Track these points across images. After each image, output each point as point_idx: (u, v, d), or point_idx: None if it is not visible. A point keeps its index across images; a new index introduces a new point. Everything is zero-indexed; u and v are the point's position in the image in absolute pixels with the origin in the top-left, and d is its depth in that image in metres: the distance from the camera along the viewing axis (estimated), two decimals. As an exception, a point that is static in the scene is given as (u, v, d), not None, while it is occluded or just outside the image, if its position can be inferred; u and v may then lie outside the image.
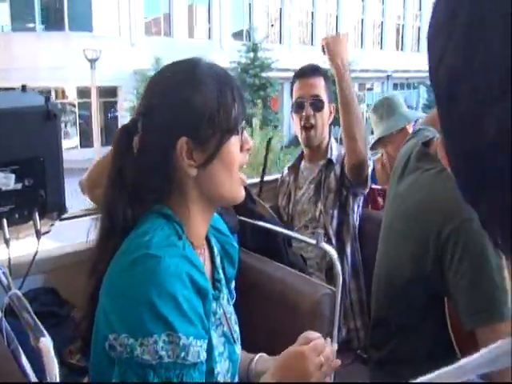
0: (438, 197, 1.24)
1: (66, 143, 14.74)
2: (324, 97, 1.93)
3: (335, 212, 1.91)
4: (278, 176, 2.25)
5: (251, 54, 17.25)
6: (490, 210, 0.36)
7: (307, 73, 1.98)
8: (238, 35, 20.44)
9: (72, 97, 17.59)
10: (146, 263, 0.81)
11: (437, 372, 0.42)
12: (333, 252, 1.43)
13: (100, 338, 0.83)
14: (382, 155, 2.66)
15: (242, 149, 0.95)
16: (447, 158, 0.40)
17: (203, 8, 19.77)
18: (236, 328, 1.07)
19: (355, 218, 1.95)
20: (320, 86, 1.94)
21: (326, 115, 1.94)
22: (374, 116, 2.51)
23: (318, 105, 1.93)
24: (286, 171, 2.16)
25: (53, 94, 16.36)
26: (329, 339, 1.08)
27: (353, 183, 1.87)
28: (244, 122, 0.96)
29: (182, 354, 0.79)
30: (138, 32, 17.48)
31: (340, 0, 23.72)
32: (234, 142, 0.93)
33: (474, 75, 0.33)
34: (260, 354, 1.15)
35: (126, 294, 0.81)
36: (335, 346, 1.08)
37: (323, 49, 1.86)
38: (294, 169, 2.11)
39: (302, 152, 2.09)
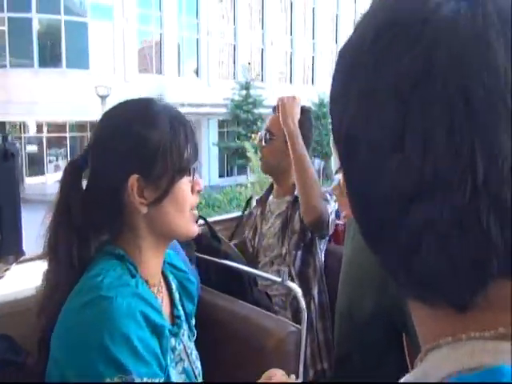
0: None
1: (57, 176, 15.00)
2: (277, 132, 1.96)
3: (299, 253, 1.91)
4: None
5: (243, 92, 18.61)
6: (387, 247, 0.39)
7: (274, 109, 2.03)
8: (222, 75, 21.85)
9: (64, 131, 18.21)
10: (97, 305, 0.80)
11: None
12: (297, 290, 1.43)
13: None
14: (339, 183, 2.68)
15: (192, 190, 0.96)
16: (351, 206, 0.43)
17: (192, 47, 21.25)
18: (198, 364, 1.06)
19: (321, 257, 1.95)
20: (276, 122, 1.97)
21: (275, 150, 1.97)
22: (332, 141, 2.56)
23: (266, 138, 1.99)
24: (254, 204, 2.17)
25: (45, 128, 17.43)
26: (293, 375, 1.08)
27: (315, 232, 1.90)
28: (196, 162, 0.96)
29: None
30: (132, 69, 18.55)
31: (316, 42, 25.29)
32: (185, 182, 0.93)
33: (368, 136, 0.38)
34: None
35: (77, 339, 0.80)
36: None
37: (275, 108, 1.96)
38: (262, 202, 2.12)
39: (272, 185, 2.12)
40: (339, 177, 2.12)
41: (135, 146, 0.89)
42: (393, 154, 0.36)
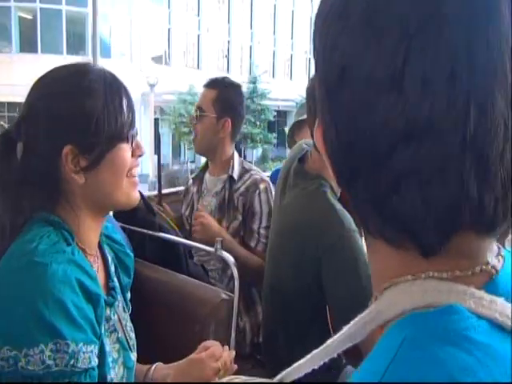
0: (314, 215, 1.32)
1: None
2: (208, 109, 1.96)
3: (236, 239, 1.89)
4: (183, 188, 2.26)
5: (251, 85, 21.29)
6: (366, 188, 0.40)
7: (204, 85, 2.03)
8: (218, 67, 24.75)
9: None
10: (31, 271, 0.78)
11: (307, 356, 0.48)
12: (230, 259, 1.44)
13: None
14: None
15: (133, 154, 0.95)
16: (325, 147, 0.43)
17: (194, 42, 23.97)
18: (132, 335, 1.05)
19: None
20: (207, 98, 1.97)
21: (207, 127, 1.96)
22: (299, 109, 2.60)
23: (197, 115, 1.98)
24: (190, 181, 2.16)
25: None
26: (226, 346, 1.10)
27: None
28: (134, 129, 0.95)
29: (72, 362, 0.77)
30: (147, 59, 20.90)
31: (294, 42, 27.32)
32: (123, 148, 0.92)
33: (367, 65, 0.37)
34: (157, 364, 1.14)
35: (9, 304, 0.78)
36: (233, 353, 1.11)
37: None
38: (198, 179, 2.11)
39: (207, 163, 2.11)
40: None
41: (69, 113, 0.88)
42: (390, 90, 0.36)
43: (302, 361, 0.49)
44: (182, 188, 2.25)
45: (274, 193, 1.83)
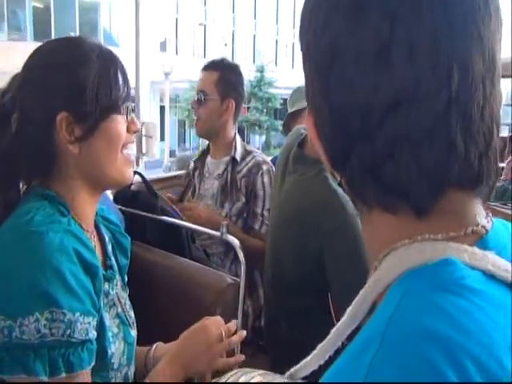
0: (315, 201, 1.31)
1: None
2: (211, 91, 1.93)
3: (239, 222, 1.90)
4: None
5: (258, 74, 22.39)
6: (360, 161, 0.43)
7: (204, 67, 1.99)
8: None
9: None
10: (27, 240, 0.77)
11: (320, 344, 0.50)
12: (236, 242, 1.41)
13: None
14: None
15: (128, 129, 0.95)
16: (316, 128, 0.47)
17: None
18: (131, 313, 1.03)
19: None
20: (209, 81, 1.94)
21: (211, 110, 1.93)
22: (290, 100, 2.56)
23: (200, 99, 1.94)
24: (192, 165, 2.13)
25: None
26: (234, 320, 1.10)
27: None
28: (132, 104, 0.96)
29: (68, 332, 0.75)
30: (155, 49, 21.21)
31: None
32: (118, 120, 0.92)
33: (356, 40, 0.40)
34: (157, 343, 1.12)
35: (4, 275, 0.76)
36: (243, 332, 1.10)
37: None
38: (200, 162, 2.08)
39: (209, 146, 2.08)
40: None
41: (63, 82, 0.88)
42: (378, 62, 0.39)
43: (309, 357, 0.51)
44: (183, 172, 2.22)
45: None
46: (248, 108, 24.04)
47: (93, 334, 0.81)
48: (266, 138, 23.09)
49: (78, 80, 0.87)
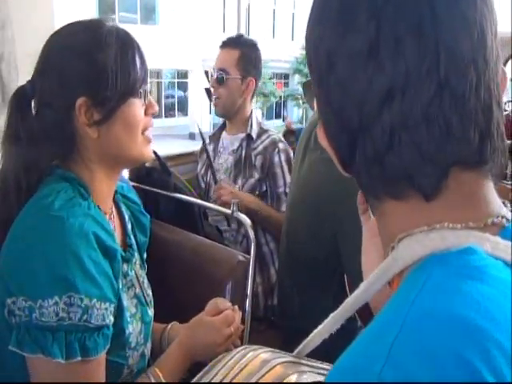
0: (332, 185, 1.29)
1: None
2: (231, 70, 1.91)
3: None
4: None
5: (303, 51, 21.32)
6: (365, 155, 0.44)
7: (222, 45, 1.96)
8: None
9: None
10: (47, 225, 0.78)
11: (326, 320, 0.52)
12: (247, 220, 1.43)
13: None
14: None
15: (146, 112, 0.95)
16: (327, 139, 0.49)
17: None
18: (149, 292, 1.06)
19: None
20: (228, 59, 1.91)
21: (232, 88, 1.92)
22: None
23: (220, 78, 1.91)
24: (207, 140, 2.14)
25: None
26: (236, 307, 1.11)
27: None
28: (147, 85, 0.95)
29: (85, 317, 0.77)
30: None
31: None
32: (135, 103, 0.92)
33: (348, 43, 0.43)
34: (173, 323, 1.15)
35: (25, 256, 0.78)
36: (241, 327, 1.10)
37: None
38: (215, 138, 2.09)
39: (225, 122, 2.08)
40: None
41: (83, 68, 0.88)
42: (369, 60, 0.41)
43: (320, 326, 0.53)
44: (197, 148, 2.23)
45: (292, 154, 1.81)
46: (286, 83, 25.19)
47: (110, 320, 0.83)
48: (305, 111, 23.30)
49: (97, 66, 0.87)
